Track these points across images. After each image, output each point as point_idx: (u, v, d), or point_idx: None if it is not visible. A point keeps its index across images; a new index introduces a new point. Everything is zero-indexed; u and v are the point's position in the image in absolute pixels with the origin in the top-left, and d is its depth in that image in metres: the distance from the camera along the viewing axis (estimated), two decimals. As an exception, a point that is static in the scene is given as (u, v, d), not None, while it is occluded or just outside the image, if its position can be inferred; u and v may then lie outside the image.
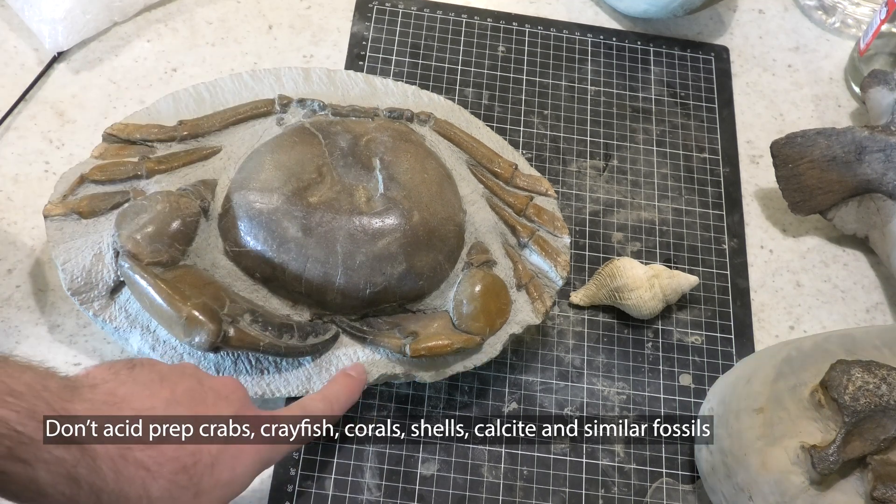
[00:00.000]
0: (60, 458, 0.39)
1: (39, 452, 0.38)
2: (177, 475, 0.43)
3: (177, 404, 0.45)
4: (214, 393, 0.48)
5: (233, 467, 0.46)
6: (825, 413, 0.52)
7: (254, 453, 0.47)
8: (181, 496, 0.43)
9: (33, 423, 0.39)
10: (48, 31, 0.71)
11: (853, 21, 0.85)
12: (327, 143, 0.61)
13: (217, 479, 0.45)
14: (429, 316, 0.59)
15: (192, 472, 0.44)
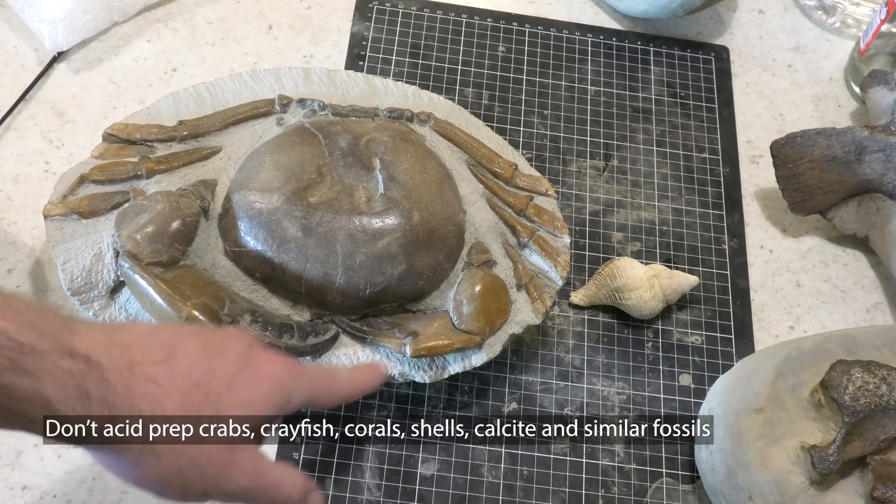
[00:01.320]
0: (67, 370, 0.37)
1: (44, 364, 0.37)
2: (191, 391, 0.41)
3: (184, 334, 0.43)
4: (224, 332, 0.46)
5: (252, 388, 0.43)
6: (825, 413, 0.52)
7: (274, 378, 0.44)
8: (201, 413, 0.41)
9: (33, 334, 0.37)
10: (48, 31, 0.71)
11: (853, 21, 0.85)
12: (327, 143, 0.61)
13: (236, 398, 0.42)
14: (429, 316, 0.59)
15: (208, 388, 0.41)
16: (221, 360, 0.43)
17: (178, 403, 0.40)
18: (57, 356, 0.37)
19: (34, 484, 0.56)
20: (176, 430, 0.40)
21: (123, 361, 0.39)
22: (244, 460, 0.43)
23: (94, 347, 0.38)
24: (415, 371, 0.58)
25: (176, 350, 0.41)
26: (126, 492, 0.56)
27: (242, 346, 0.45)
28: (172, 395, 0.40)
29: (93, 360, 0.38)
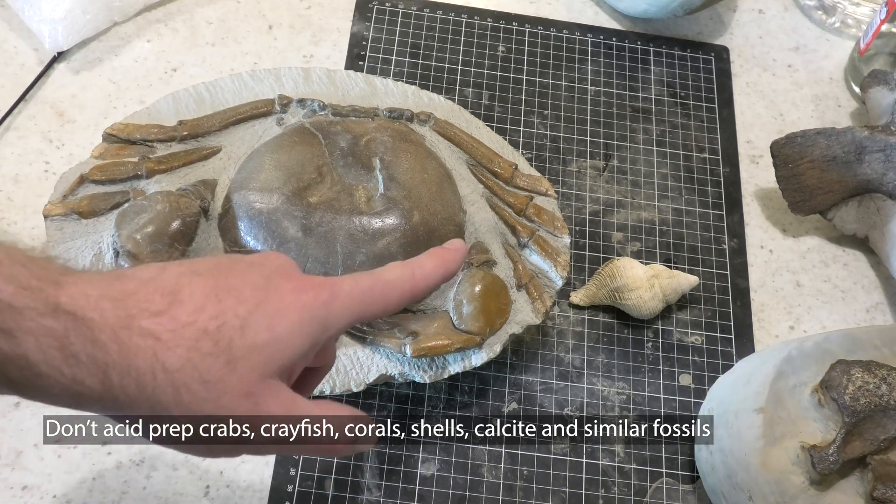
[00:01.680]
0: (49, 328, 0.33)
1: (21, 321, 0.33)
2: (198, 342, 0.36)
3: (193, 274, 0.38)
4: (246, 263, 0.40)
5: (271, 326, 0.38)
6: (825, 413, 0.52)
7: (303, 307, 0.38)
8: (208, 365, 0.36)
9: (12, 288, 0.33)
10: (48, 31, 0.71)
11: (853, 21, 0.85)
12: (327, 143, 0.61)
13: (253, 340, 0.37)
14: (429, 316, 0.59)
15: (218, 334, 0.36)
16: (234, 300, 0.37)
17: (181, 357, 0.35)
18: (38, 313, 0.33)
19: (34, 484, 0.56)
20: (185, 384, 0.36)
21: (117, 316, 0.35)
22: (273, 407, 0.38)
23: (84, 302, 0.34)
24: (415, 371, 0.58)
25: (180, 294, 0.36)
26: (126, 492, 0.56)
27: (260, 278, 0.39)
28: (174, 349, 0.35)
29: (80, 317, 0.34)
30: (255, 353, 0.37)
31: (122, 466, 0.57)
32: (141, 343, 0.35)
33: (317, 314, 0.39)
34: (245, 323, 0.37)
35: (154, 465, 0.57)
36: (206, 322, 0.36)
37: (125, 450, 0.57)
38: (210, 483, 0.57)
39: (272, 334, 0.38)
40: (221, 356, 0.36)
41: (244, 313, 0.37)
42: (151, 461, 0.57)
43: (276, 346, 0.38)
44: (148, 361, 0.35)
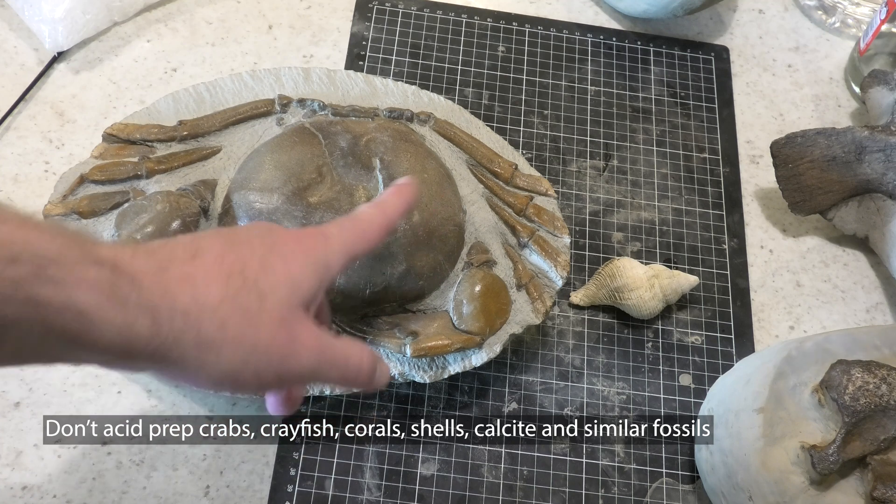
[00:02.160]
0: (96, 277, 0.35)
1: (71, 273, 0.34)
2: (229, 280, 0.39)
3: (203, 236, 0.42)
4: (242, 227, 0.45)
5: (286, 265, 0.42)
6: (825, 413, 0.52)
7: (305, 251, 0.43)
8: (245, 298, 0.39)
9: (56, 244, 0.35)
10: (48, 31, 0.71)
11: (853, 21, 0.85)
12: (327, 143, 0.61)
13: (274, 277, 0.41)
14: (429, 316, 0.59)
15: (244, 275, 0.40)
16: (248, 248, 0.41)
17: (218, 294, 0.39)
18: (83, 264, 0.35)
19: (34, 484, 0.56)
20: (227, 317, 0.39)
21: (151, 265, 0.38)
22: (305, 335, 0.42)
23: (120, 255, 0.37)
24: (415, 371, 0.58)
25: (200, 249, 0.40)
26: (126, 492, 0.56)
27: (262, 233, 0.43)
28: (211, 288, 0.38)
29: (120, 267, 0.36)
30: (280, 287, 0.41)
31: (122, 466, 0.57)
32: (180, 285, 0.38)
33: (319, 256, 0.44)
34: (264, 264, 0.41)
35: (154, 465, 0.57)
36: (230, 265, 0.40)
37: (125, 450, 0.57)
38: (210, 483, 0.57)
39: (289, 273, 0.42)
40: (252, 291, 0.40)
41: (261, 257, 0.41)
42: (151, 461, 0.57)
43: (294, 281, 0.42)
44: (190, 300, 0.38)
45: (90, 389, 0.59)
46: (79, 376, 0.60)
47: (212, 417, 0.59)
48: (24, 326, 0.34)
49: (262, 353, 0.40)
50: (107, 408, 0.59)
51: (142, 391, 0.59)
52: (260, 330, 0.40)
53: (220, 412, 0.59)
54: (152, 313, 0.37)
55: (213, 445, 0.58)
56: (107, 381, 0.60)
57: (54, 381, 0.59)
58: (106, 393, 0.59)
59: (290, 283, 0.42)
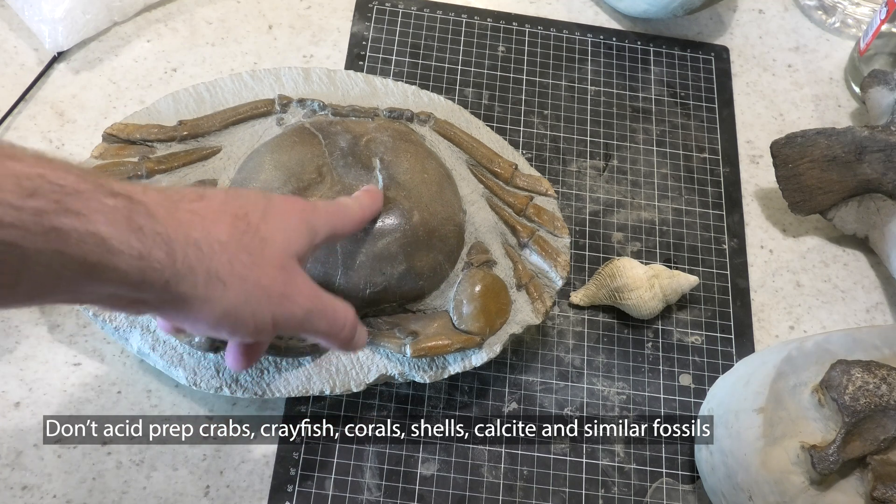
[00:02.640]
0: (113, 207, 0.36)
1: (90, 203, 0.36)
2: (234, 221, 0.42)
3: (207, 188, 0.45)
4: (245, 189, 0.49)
5: (283, 219, 0.45)
6: (825, 413, 0.52)
7: (298, 212, 0.47)
8: (248, 241, 0.42)
9: (73, 177, 0.36)
10: (48, 31, 0.71)
11: (853, 21, 0.85)
12: (327, 143, 0.61)
13: (274, 227, 0.44)
14: (429, 316, 0.59)
15: (247, 220, 0.43)
16: (249, 200, 0.44)
17: (227, 232, 0.41)
18: (101, 195, 0.36)
19: (34, 484, 0.56)
20: (235, 254, 0.41)
21: (164, 199, 0.39)
22: (301, 282, 0.45)
23: (132, 189, 0.38)
24: (415, 371, 0.58)
25: (206, 193, 0.42)
26: (126, 492, 0.56)
27: (259, 192, 0.46)
28: (220, 226, 0.41)
29: (136, 199, 0.38)
30: (280, 235, 0.44)
31: (122, 466, 0.57)
32: (191, 219, 0.40)
33: (308, 219, 0.47)
34: (264, 214, 0.44)
35: (154, 465, 0.57)
36: (234, 210, 0.43)
37: (125, 450, 0.57)
38: (210, 483, 0.57)
39: (286, 224, 0.45)
40: (256, 235, 0.43)
41: (261, 209, 0.44)
42: (151, 461, 0.57)
43: (290, 234, 0.45)
44: (202, 234, 0.40)
45: (90, 389, 0.59)
46: (78, 376, 0.60)
47: (212, 417, 0.59)
48: (44, 258, 0.35)
49: (263, 294, 0.42)
50: (107, 408, 0.59)
51: (142, 391, 0.59)
52: (263, 271, 0.42)
53: (220, 412, 0.59)
54: (167, 243, 0.38)
55: (213, 445, 0.58)
56: (107, 382, 0.60)
57: (54, 381, 0.59)
58: (106, 393, 0.59)
59: (287, 235, 0.45)
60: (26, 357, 0.60)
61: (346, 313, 0.48)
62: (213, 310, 0.41)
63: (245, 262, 0.41)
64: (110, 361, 0.60)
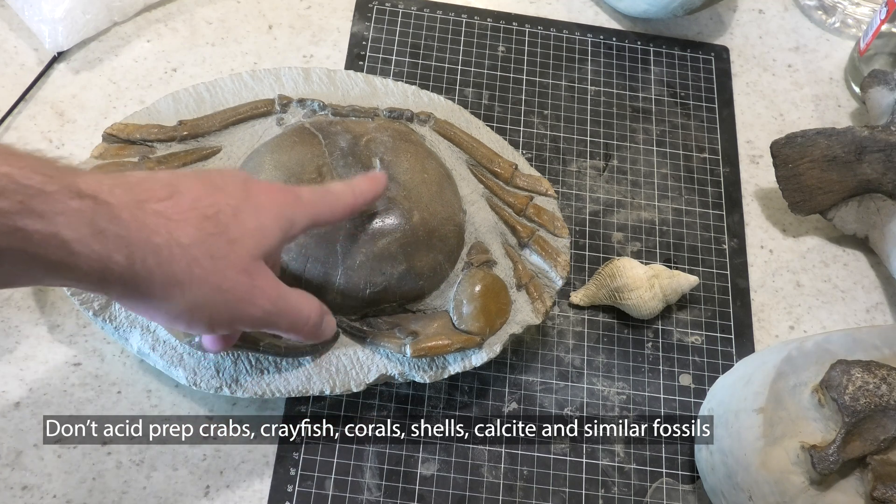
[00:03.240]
0: (77, 209, 0.37)
1: (54, 205, 0.37)
2: (203, 223, 0.42)
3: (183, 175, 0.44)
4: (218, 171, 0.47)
5: (257, 216, 0.45)
6: (825, 413, 0.52)
7: (276, 206, 0.46)
8: (214, 243, 0.42)
9: (40, 177, 0.37)
10: (48, 31, 0.71)
11: (853, 21, 0.85)
12: (327, 143, 0.61)
13: (244, 226, 0.44)
14: (429, 316, 0.59)
15: (217, 220, 0.42)
16: (223, 194, 0.44)
17: (191, 235, 0.41)
18: (66, 196, 0.37)
19: (34, 484, 0.56)
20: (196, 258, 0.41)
21: (130, 199, 0.39)
22: (264, 284, 0.45)
23: (100, 188, 0.39)
24: (415, 371, 0.58)
25: (178, 187, 0.42)
26: (126, 492, 0.56)
27: (239, 180, 0.45)
28: (185, 228, 0.41)
29: (101, 200, 0.38)
30: (248, 236, 0.44)
31: (122, 466, 0.57)
32: (156, 222, 0.40)
33: (287, 212, 0.47)
34: (236, 212, 0.43)
35: (154, 465, 0.57)
36: (205, 209, 0.42)
37: (125, 450, 0.57)
38: (210, 483, 0.57)
39: (257, 224, 0.44)
40: (223, 236, 0.42)
41: (235, 204, 0.44)
42: (151, 461, 0.57)
43: (262, 233, 0.45)
44: (164, 238, 0.40)
45: (90, 389, 0.59)
46: (78, 376, 0.60)
47: (212, 417, 0.59)
48: (9, 255, 0.36)
49: (222, 297, 0.43)
50: (107, 408, 0.59)
51: (142, 391, 0.59)
52: (224, 275, 0.42)
53: (220, 412, 0.59)
54: (128, 247, 0.39)
55: (213, 445, 0.58)
56: (107, 382, 0.60)
57: (54, 381, 0.59)
58: (106, 393, 0.59)
59: (258, 235, 0.44)
60: (26, 357, 0.60)
61: (310, 309, 0.48)
62: (170, 310, 0.42)
63: (206, 267, 0.42)
64: (110, 361, 0.60)
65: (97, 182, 0.39)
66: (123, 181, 0.41)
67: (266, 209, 0.45)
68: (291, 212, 0.47)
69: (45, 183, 0.37)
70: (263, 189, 0.46)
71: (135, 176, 0.42)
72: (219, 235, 0.42)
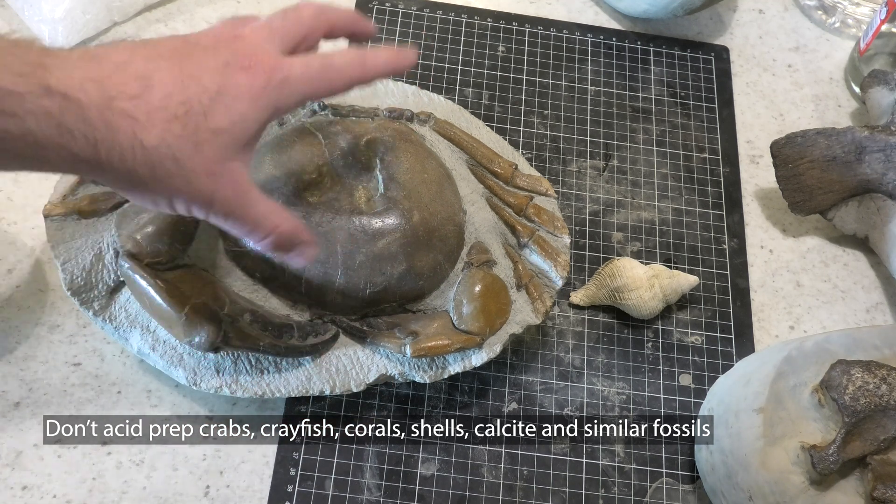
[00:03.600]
0: (47, 108, 0.38)
1: (23, 104, 0.38)
2: (170, 125, 0.41)
3: (160, 59, 0.42)
4: (201, 48, 0.43)
5: (228, 113, 0.42)
6: (825, 413, 0.52)
7: (257, 93, 0.43)
8: (180, 146, 0.41)
9: (10, 76, 0.38)
10: (48, 31, 0.71)
11: (853, 21, 0.85)
12: (327, 143, 0.61)
13: (214, 126, 0.42)
14: (429, 316, 0.59)
15: (184, 120, 0.41)
16: (196, 87, 0.42)
17: (156, 137, 0.41)
18: (35, 96, 0.38)
19: (34, 484, 0.56)
20: (159, 160, 0.41)
21: (100, 96, 0.40)
22: (227, 189, 0.44)
23: (70, 83, 0.39)
24: (415, 371, 0.58)
25: (152, 81, 0.41)
26: (126, 492, 0.56)
27: (217, 64, 0.43)
28: (150, 130, 0.40)
29: (70, 97, 0.39)
30: (217, 137, 0.42)
31: (122, 466, 0.57)
32: (122, 122, 0.40)
33: (269, 99, 0.44)
34: (207, 110, 0.42)
35: (154, 465, 0.57)
36: (175, 108, 0.41)
37: (125, 450, 0.57)
38: (210, 483, 0.57)
39: (230, 120, 0.43)
40: (190, 139, 0.41)
41: (207, 101, 0.42)
42: (151, 461, 0.57)
43: (233, 130, 0.43)
44: (129, 139, 0.40)
45: (90, 389, 0.59)
46: (78, 376, 0.60)
47: (212, 417, 0.59)
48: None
49: (181, 196, 0.43)
50: (107, 408, 0.59)
51: (142, 391, 0.59)
52: (188, 177, 0.42)
53: (220, 412, 0.59)
54: (95, 146, 0.40)
55: (213, 445, 0.58)
56: (107, 382, 0.60)
57: (54, 381, 0.59)
58: (106, 393, 0.59)
59: (229, 133, 0.43)
60: (26, 357, 0.60)
61: (279, 220, 0.46)
62: (134, 196, 0.44)
63: (169, 170, 0.42)
64: (110, 361, 0.60)
65: (68, 76, 0.39)
66: (96, 74, 0.40)
67: (244, 97, 0.43)
68: (276, 95, 0.44)
69: (16, 82, 0.38)
70: (244, 75, 0.43)
71: (109, 63, 0.41)
72: (185, 138, 0.41)
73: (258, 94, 0.43)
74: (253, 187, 0.45)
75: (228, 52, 0.43)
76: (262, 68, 0.44)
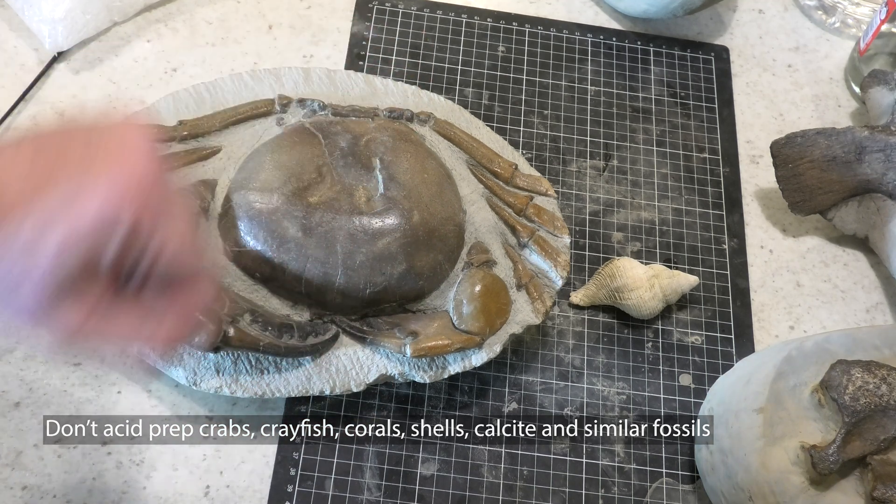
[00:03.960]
0: None
1: None
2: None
3: (11, 180, 0.38)
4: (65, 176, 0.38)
5: (71, 223, 0.38)
6: (825, 413, 0.52)
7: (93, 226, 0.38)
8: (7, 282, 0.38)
9: None
10: (48, 31, 0.71)
11: (853, 21, 0.85)
12: (327, 143, 0.61)
13: (44, 249, 0.38)
14: (429, 316, 0.59)
15: (16, 239, 0.37)
16: (45, 201, 0.37)
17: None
18: None
19: (34, 484, 0.56)
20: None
21: None
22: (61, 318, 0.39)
23: None
24: (415, 371, 0.58)
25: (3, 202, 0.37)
26: (126, 492, 0.56)
27: (75, 175, 0.38)
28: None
29: None
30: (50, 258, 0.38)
31: (122, 466, 0.57)
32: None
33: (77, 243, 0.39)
34: (42, 230, 0.37)
35: (154, 465, 0.57)
36: (7, 234, 0.37)
37: (125, 450, 0.57)
38: (210, 483, 0.57)
39: (67, 239, 0.37)
40: (18, 262, 0.37)
41: (46, 218, 0.37)
42: (151, 461, 0.57)
43: (46, 278, 0.38)
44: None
45: (90, 389, 0.59)
46: (78, 376, 0.60)
47: (212, 417, 0.59)
48: None
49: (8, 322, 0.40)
50: (107, 408, 0.59)
51: (142, 391, 0.59)
52: (16, 308, 0.39)
53: (220, 412, 0.59)
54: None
55: (213, 445, 0.58)
56: (107, 382, 0.60)
57: (54, 381, 0.59)
58: (106, 393, 0.59)
59: (42, 279, 0.38)
60: (26, 357, 0.60)
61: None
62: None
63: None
64: (110, 361, 0.60)
65: None
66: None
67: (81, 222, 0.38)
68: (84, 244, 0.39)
69: None
70: (98, 193, 0.38)
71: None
72: (13, 260, 0.37)
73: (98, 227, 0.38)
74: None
75: (83, 174, 0.39)
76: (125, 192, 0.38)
